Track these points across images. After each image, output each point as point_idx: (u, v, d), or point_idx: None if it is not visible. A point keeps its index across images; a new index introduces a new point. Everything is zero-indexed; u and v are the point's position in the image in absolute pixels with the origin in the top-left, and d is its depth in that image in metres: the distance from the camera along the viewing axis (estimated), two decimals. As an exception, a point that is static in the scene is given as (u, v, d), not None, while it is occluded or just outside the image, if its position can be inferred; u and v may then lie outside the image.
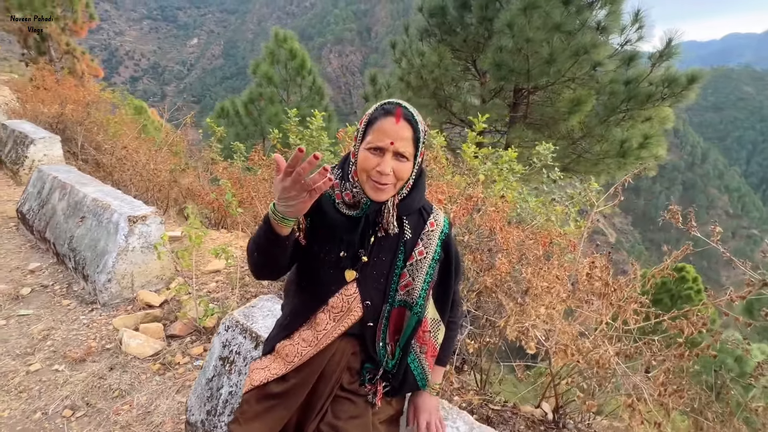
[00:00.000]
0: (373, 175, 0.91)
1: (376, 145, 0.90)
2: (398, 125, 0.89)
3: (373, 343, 1.00)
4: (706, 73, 6.77)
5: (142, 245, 2.47)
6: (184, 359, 1.99)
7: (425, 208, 1.05)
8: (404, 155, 0.91)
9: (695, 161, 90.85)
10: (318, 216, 0.98)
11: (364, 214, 0.96)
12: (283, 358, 1.01)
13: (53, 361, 1.92)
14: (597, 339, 1.55)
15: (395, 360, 1.01)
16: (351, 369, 1.01)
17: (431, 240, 1.01)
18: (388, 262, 0.99)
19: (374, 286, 0.98)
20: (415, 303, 0.99)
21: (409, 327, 1.00)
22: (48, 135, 4.63)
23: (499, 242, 2.56)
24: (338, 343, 0.99)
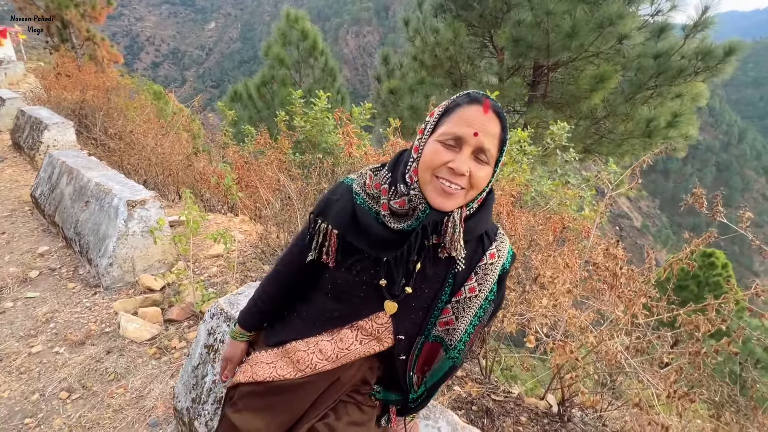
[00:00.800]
0: (441, 173, 0.71)
1: (454, 134, 0.71)
2: (486, 116, 0.71)
3: (404, 374, 0.88)
4: (745, 44, 6.24)
5: (143, 230, 2.47)
6: (180, 344, 1.99)
7: (487, 232, 0.84)
8: (486, 155, 0.72)
9: (731, 141, 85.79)
10: (353, 234, 0.79)
11: (418, 226, 0.75)
12: (293, 363, 0.87)
13: (54, 343, 1.96)
14: (603, 333, 1.44)
15: (420, 395, 0.90)
16: (365, 381, 0.92)
17: (488, 275, 0.82)
18: (432, 295, 0.82)
19: (411, 319, 0.83)
20: (454, 346, 0.83)
21: (441, 370, 0.87)
22: (61, 120, 4.70)
23: (506, 227, 2.44)
24: (355, 360, 0.88)
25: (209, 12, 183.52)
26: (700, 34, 6.09)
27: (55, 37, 16.38)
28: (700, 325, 1.21)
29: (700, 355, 1.36)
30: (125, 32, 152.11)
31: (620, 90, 6.68)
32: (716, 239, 1.70)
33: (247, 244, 3.07)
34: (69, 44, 15.93)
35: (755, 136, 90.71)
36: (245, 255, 2.89)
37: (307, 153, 4.03)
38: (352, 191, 0.82)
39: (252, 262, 2.80)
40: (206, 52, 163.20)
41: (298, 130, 3.73)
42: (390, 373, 0.92)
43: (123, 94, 8.20)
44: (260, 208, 3.18)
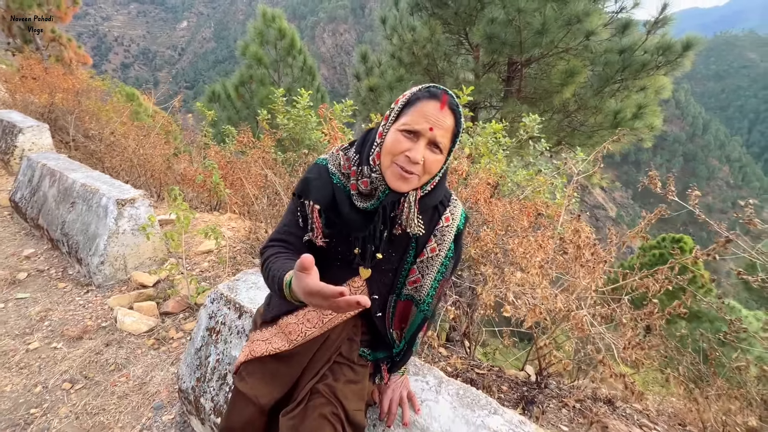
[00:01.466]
0: (399, 160, 0.82)
1: (412, 127, 0.81)
2: (442, 111, 0.81)
3: (384, 330, 1.01)
4: (702, 39, 6.63)
5: (133, 228, 2.52)
6: (177, 334, 2.06)
7: (442, 202, 0.97)
8: (439, 146, 0.83)
9: (696, 132, 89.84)
10: (333, 212, 0.92)
11: (379, 205, 0.88)
12: (285, 334, 0.98)
13: (51, 339, 2.00)
14: (570, 302, 1.61)
15: (401, 348, 1.02)
16: (351, 340, 1.02)
17: (445, 236, 0.95)
18: (398, 258, 0.95)
19: (382, 281, 0.96)
20: (423, 300, 0.96)
21: (415, 323, 0.99)
22: (36, 124, 4.60)
23: (484, 214, 2.60)
24: (340, 323, 0.98)
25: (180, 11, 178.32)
26: (661, 30, 6.45)
27: (18, 38, 15.68)
28: (650, 286, 1.39)
29: (654, 315, 1.54)
30: (91, 32, 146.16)
31: (589, 84, 6.99)
32: (685, 226, 1.90)
33: (236, 239, 3.14)
34: (33, 45, 15.29)
35: (718, 126, 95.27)
36: (235, 250, 2.96)
37: (291, 150, 4.11)
38: (329, 171, 0.93)
39: (242, 256, 2.88)
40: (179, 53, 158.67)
41: (281, 128, 3.80)
42: (374, 334, 1.04)
43: (94, 96, 8.01)
44: (248, 204, 3.24)
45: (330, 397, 0.92)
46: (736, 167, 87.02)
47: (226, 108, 9.90)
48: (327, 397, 0.91)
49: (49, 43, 15.99)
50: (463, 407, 1.08)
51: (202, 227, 2.90)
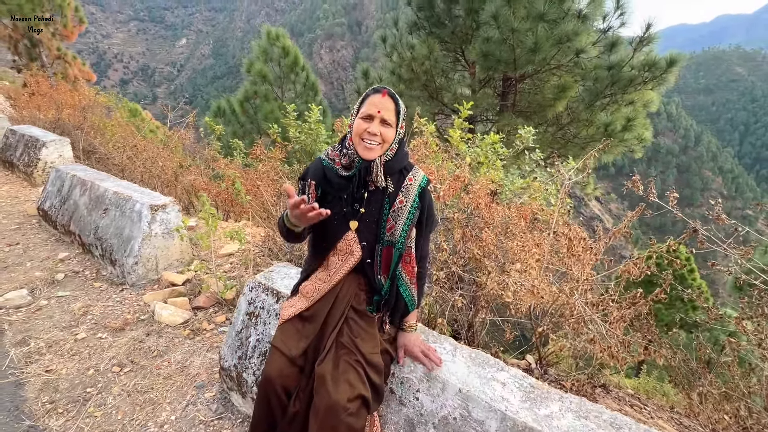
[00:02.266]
0: (364, 137, 1.19)
1: (367, 113, 1.20)
2: (383, 98, 1.20)
3: (374, 276, 1.29)
4: (685, 56, 7.02)
5: (163, 231, 2.74)
6: (209, 326, 2.26)
7: (406, 168, 1.31)
8: (388, 122, 1.20)
9: (689, 144, 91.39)
10: (325, 184, 1.27)
11: (357, 171, 1.23)
12: (305, 296, 1.31)
13: (96, 330, 2.20)
14: (564, 290, 1.84)
15: (387, 286, 1.29)
16: (357, 296, 1.30)
17: (410, 191, 1.27)
18: (377, 212, 1.26)
19: (368, 231, 1.26)
20: (397, 241, 1.26)
21: (393, 260, 1.28)
22: (58, 138, 4.85)
23: (485, 217, 2.84)
24: (345, 278, 1.29)
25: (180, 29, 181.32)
26: (647, 47, 6.85)
27: (23, 56, 16.07)
28: (631, 270, 1.63)
29: (637, 298, 1.77)
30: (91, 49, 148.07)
31: (581, 98, 7.35)
32: (678, 236, 2.14)
33: (255, 244, 3.36)
34: (38, 63, 15.67)
35: (710, 138, 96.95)
36: (254, 254, 3.18)
37: (301, 162, 4.37)
38: (321, 160, 1.31)
39: (261, 259, 3.10)
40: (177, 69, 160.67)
41: (293, 140, 4.06)
42: (372, 288, 1.31)
43: (99, 112, 8.30)
44: (268, 211, 3.47)
45: (351, 347, 1.20)
46: (729, 178, 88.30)
47: (230, 123, 10.21)
48: (348, 347, 1.20)
49: (55, 60, 16.39)
50: (475, 366, 1.30)
51: (224, 232, 3.12)
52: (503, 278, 1.93)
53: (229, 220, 4.34)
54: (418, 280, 1.32)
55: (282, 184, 3.48)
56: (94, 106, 8.70)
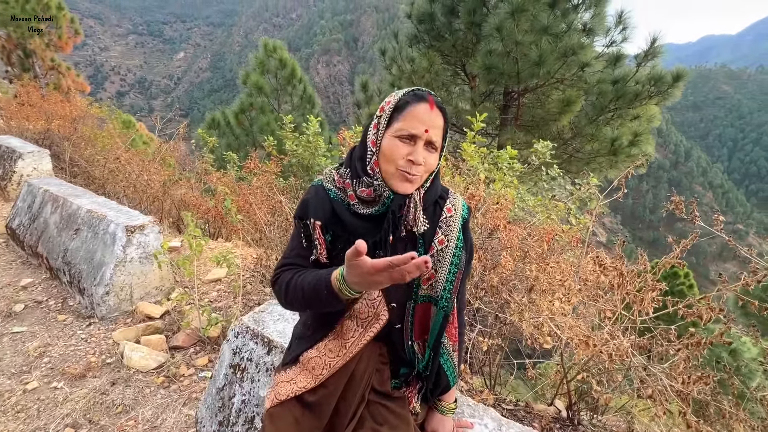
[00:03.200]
0: (402, 165, 0.84)
1: (409, 132, 0.83)
2: (432, 111, 0.84)
3: (402, 344, 0.94)
4: (689, 71, 6.93)
5: (141, 255, 2.40)
6: (188, 371, 1.92)
7: (441, 196, 0.98)
8: (435, 145, 0.86)
9: (679, 159, 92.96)
10: (336, 225, 0.91)
11: (386, 209, 0.87)
12: (309, 371, 0.93)
13: (51, 378, 1.84)
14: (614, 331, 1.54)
15: (426, 361, 0.95)
16: (379, 371, 0.95)
17: (451, 227, 0.93)
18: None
19: (397, 286, 0.87)
20: (440, 297, 0.91)
21: (437, 324, 0.92)
22: (36, 149, 4.52)
23: (503, 240, 2.55)
24: (364, 348, 0.92)
25: (178, 42, 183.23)
26: (651, 62, 6.73)
27: (16, 67, 15.83)
28: (702, 314, 1.33)
29: (701, 345, 1.47)
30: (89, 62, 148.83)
31: (584, 113, 7.20)
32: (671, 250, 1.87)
33: (245, 268, 3.03)
34: (32, 73, 15.43)
35: (699, 154, 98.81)
36: (244, 279, 2.84)
37: (297, 176, 4.08)
38: (325, 188, 0.94)
39: (252, 285, 2.76)
40: (175, 82, 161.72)
41: (290, 153, 3.78)
42: (397, 359, 0.97)
43: (90, 123, 8.01)
44: (260, 231, 3.16)
45: None
46: (719, 193, 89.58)
47: (225, 135, 9.94)
48: None
49: (48, 71, 16.15)
50: (530, 454, 0.98)
51: (210, 255, 2.79)
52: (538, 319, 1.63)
53: (219, 239, 4.01)
54: (459, 344, 0.98)
55: (281, 200, 3.17)
56: (86, 117, 8.42)
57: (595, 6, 6.82)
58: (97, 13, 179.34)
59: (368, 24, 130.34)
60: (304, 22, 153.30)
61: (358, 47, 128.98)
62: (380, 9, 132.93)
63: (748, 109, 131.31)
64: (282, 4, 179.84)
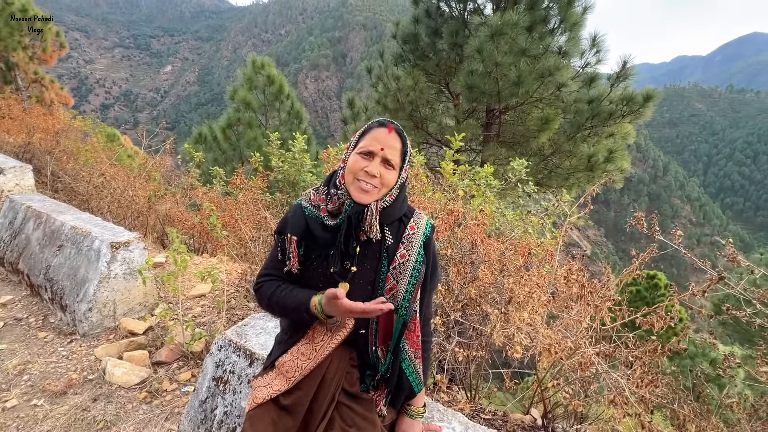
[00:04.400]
0: (360, 176, 0.97)
1: (368, 149, 0.98)
2: (390, 135, 0.99)
3: (366, 348, 1.04)
4: (660, 92, 7.30)
5: (125, 271, 2.43)
6: (171, 386, 1.94)
7: (406, 214, 1.08)
8: (391, 163, 0.98)
9: (658, 174, 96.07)
10: (309, 238, 1.03)
11: (345, 217, 0.99)
12: (284, 374, 1.02)
13: (31, 396, 1.84)
14: (578, 339, 1.64)
15: (387, 364, 1.03)
16: (349, 374, 1.03)
17: (412, 243, 1.03)
18: (373, 270, 1.02)
19: (361, 294, 1.00)
20: (400, 306, 1.00)
21: (396, 330, 1.02)
22: (18, 164, 4.49)
23: (481, 254, 2.66)
24: (334, 352, 1.01)
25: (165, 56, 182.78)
26: (623, 83, 7.10)
27: (-3, 80, 15.59)
28: (654, 323, 1.45)
29: (657, 352, 1.59)
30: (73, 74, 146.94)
31: (563, 130, 7.49)
32: (656, 263, 2.01)
33: (229, 283, 3.06)
34: (13, 86, 15.22)
35: (677, 168, 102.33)
36: (229, 294, 2.87)
37: (284, 192, 4.14)
38: (302, 207, 1.07)
39: (237, 300, 2.80)
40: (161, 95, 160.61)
41: (276, 170, 3.85)
42: (364, 363, 1.06)
43: (74, 136, 7.94)
44: (245, 246, 3.20)
45: None
46: (696, 206, 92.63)
47: (212, 149, 9.96)
48: None
49: (31, 83, 15.95)
50: (493, 454, 1.06)
51: (195, 270, 2.83)
52: (509, 330, 1.72)
53: (204, 255, 4.02)
54: (423, 352, 1.07)
55: (266, 216, 3.23)
56: (69, 130, 8.34)
57: (569, 30, 7.20)
58: (83, 26, 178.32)
59: (356, 41, 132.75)
60: (293, 38, 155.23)
61: (346, 63, 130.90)
62: (368, 27, 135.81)
63: (720, 126, 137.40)
64: (271, 20, 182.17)
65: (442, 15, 8.39)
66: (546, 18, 7.18)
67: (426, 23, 8.36)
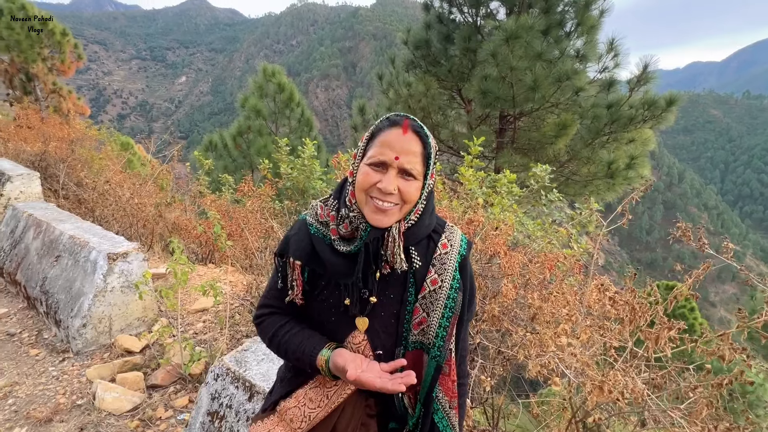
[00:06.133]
0: (373, 194, 0.76)
1: (379, 159, 0.76)
2: (405, 136, 0.76)
3: (392, 397, 0.84)
4: (682, 96, 7.04)
5: (123, 284, 2.28)
6: (166, 413, 1.76)
7: (435, 229, 0.88)
8: (411, 173, 0.77)
9: (673, 181, 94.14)
10: (315, 263, 0.84)
11: (362, 244, 0.79)
12: (287, 423, 0.84)
13: (14, 423, 1.68)
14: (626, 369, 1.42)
15: (416, 417, 0.84)
16: (366, 425, 0.84)
17: (445, 265, 0.83)
18: (398, 299, 0.82)
19: (384, 330, 0.82)
20: (432, 344, 0.81)
21: (428, 374, 0.82)
22: (26, 172, 4.44)
23: (503, 267, 2.45)
24: (348, 398, 0.82)
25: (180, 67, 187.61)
26: (643, 87, 6.85)
27: (18, 90, 16.01)
28: (725, 353, 1.23)
29: (724, 387, 1.36)
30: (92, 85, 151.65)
31: (580, 136, 7.25)
32: (672, 273, 1.78)
33: (234, 296, 2.89)
34: (32, 96, 15.60)
35: (693, 176, 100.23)
36: (233, 308, 2.71)
37: (293, 200, 4.00)
38: (307, 224, 0.87)
39: (241, 315, 2.63)
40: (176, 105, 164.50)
41: (284, 177, 3.71)
42: (387, 412, 0.86)
43: (88, 145, 8.01)
44: (251, 257, 3.04)
45: None
46: (714, 214, 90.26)
47: (222, 157, 9.95)
48: None
49: (49, 94, 16.34)
50: None
51: (198, 283, 2.67)
52: (545, 357, 1.51)
53: (210, 264, 3.88)
54: (459, 398, 0.86)
55: (273, 226, 3.07)
56: (84, 139, 8.43)
57: (586, 34, 7.00)
58: (102, 39, 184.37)
59: (366, 50, 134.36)
60: (303, 49, 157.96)
61: (356, 72, 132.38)
62: (378, 37, 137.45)
63: (738, 133, 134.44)
64: (282, 31, 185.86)
65: (453, 20, 8.27)
66: (562, 21, 7.00)
67: (438, 29, 8.25)
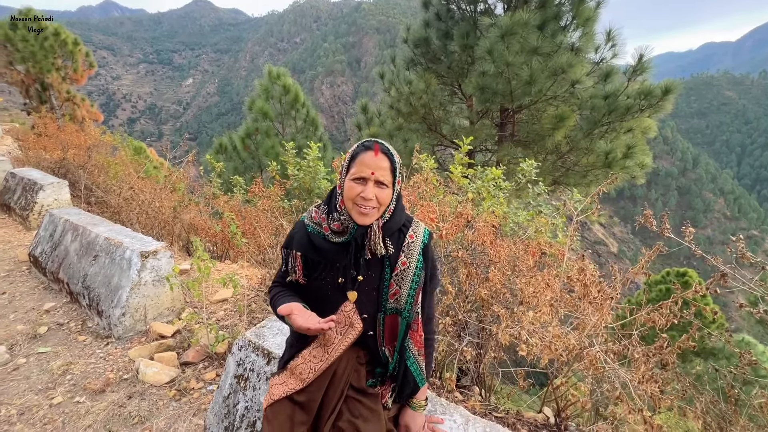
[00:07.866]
0: (358, 201, 1.05)
1: (359, 175, 1.05)
2: (377, 157, 1.06)
3: (377, 348, 1.13)
4: (679, 83, 7.09)
5: (154, 279, 2.61)
6: (198, 384, 2.08)
7: (405, 224, 1.17)
8: (384, 183, 1.06)
9: (687, 167, 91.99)
10: (313, 252, 1.13)
11: (352, 238, 1.09)
12: (298, 376, 1.12)
13: (74, 393, 2.02)
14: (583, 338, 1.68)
15: (394, 362, 1.14)
16: (357, 371, 1.14)
17: (412, 251, 1.13)
18: (377, 277, 1.12)
19: (368, 299, 1.11)
20: (404, 309, 1.11)
21: (401, 331, 1.13)
22: (56, 180, 4.83)
23: (491, 255, 2.71)
24: (344, 353, 1.11)
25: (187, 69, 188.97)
26: (641, 77, 6.94)
27: (34, 99, 16.59)
28: (656, 320, 1.48)
29: (664, 350, 1.61)
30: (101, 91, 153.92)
31: (579, 127, 7.38)
32: (688, 260, 2.01)
33: (250, 288, 3.21)
34: (48, 105, 16.15)
35: (707, 161, 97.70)
36: (249, 298, 3.03)
37: (299, 199, 4.30)
38: (305, 224, 1.17)
39: (257, 304, 2.94)
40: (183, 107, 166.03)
41: (291, 177, 4.01)
42: (373, 360, 1.16)
43: (104, 151, 8.38)
44: (263, 253, 3.35)
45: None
46: (730, 199, 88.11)
47: (232, 159, 10.31)
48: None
49: (64, 102, 16.90)
50: (491, 444, 1.13)
51: (217, 277, 2.99)
52: (516, 329, 1.77)
53: (226, 261, 4.21)
54: (425, 349, 1.17)
55: (282, 224, 3.38)
56: (99, 145, 8.83)
57: (583, 26, 7.10)
58: (110, 45, 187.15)
59: (370, 45, 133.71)
60: (307, 46, 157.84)
61: (360, 67, 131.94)
62: (381, 30, 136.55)
63: (755, 114, 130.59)
64: (286, 29, 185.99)
65: (452, 17, 8.42)
66: (558, 15, 7.11)
67: (436, 26, 8.42)
